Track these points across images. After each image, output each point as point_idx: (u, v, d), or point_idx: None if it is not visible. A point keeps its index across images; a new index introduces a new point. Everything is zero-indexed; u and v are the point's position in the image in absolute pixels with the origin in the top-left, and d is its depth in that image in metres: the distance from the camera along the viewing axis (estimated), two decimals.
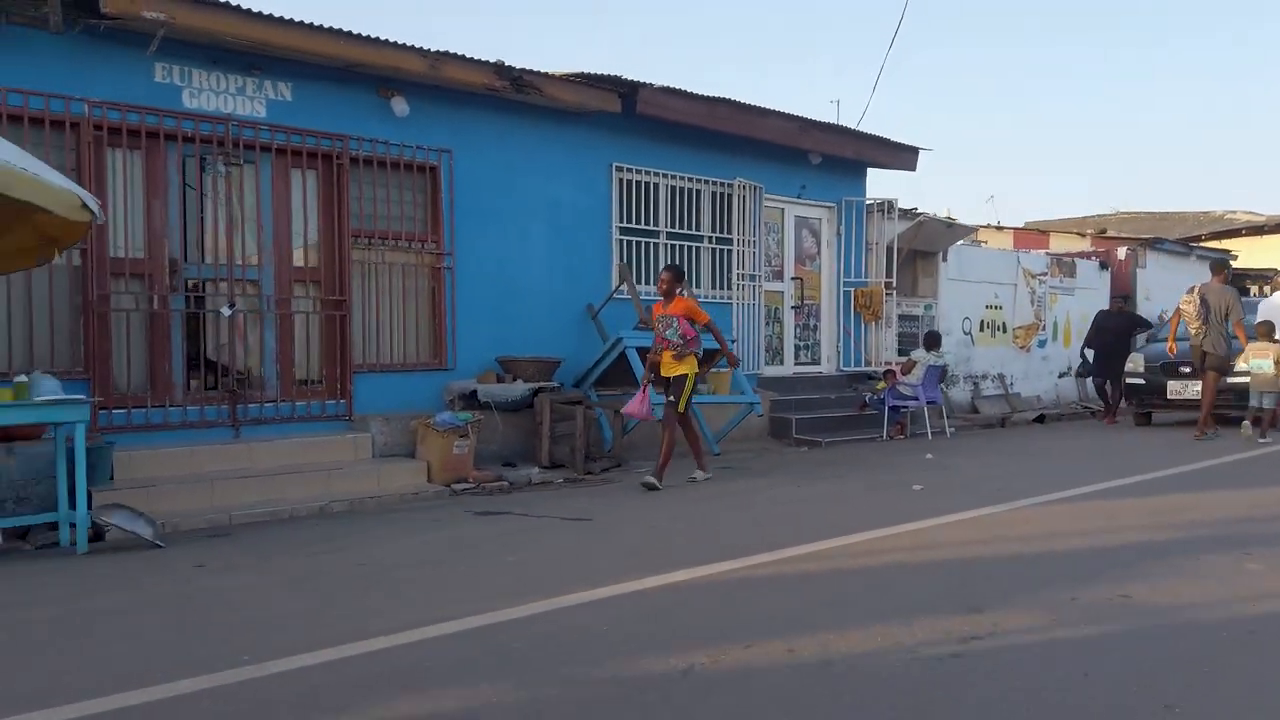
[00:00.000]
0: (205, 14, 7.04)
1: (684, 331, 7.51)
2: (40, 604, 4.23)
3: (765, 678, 2.85)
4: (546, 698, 2.76)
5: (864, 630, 3.29)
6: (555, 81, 9.11)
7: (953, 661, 2.92)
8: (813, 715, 2.57)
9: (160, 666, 3.08)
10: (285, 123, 7.89)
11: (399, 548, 5.29)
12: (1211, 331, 10.19)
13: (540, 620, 3.56)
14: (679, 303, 7.66)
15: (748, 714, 2.58)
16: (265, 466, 7.37)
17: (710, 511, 6.15)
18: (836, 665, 2.93)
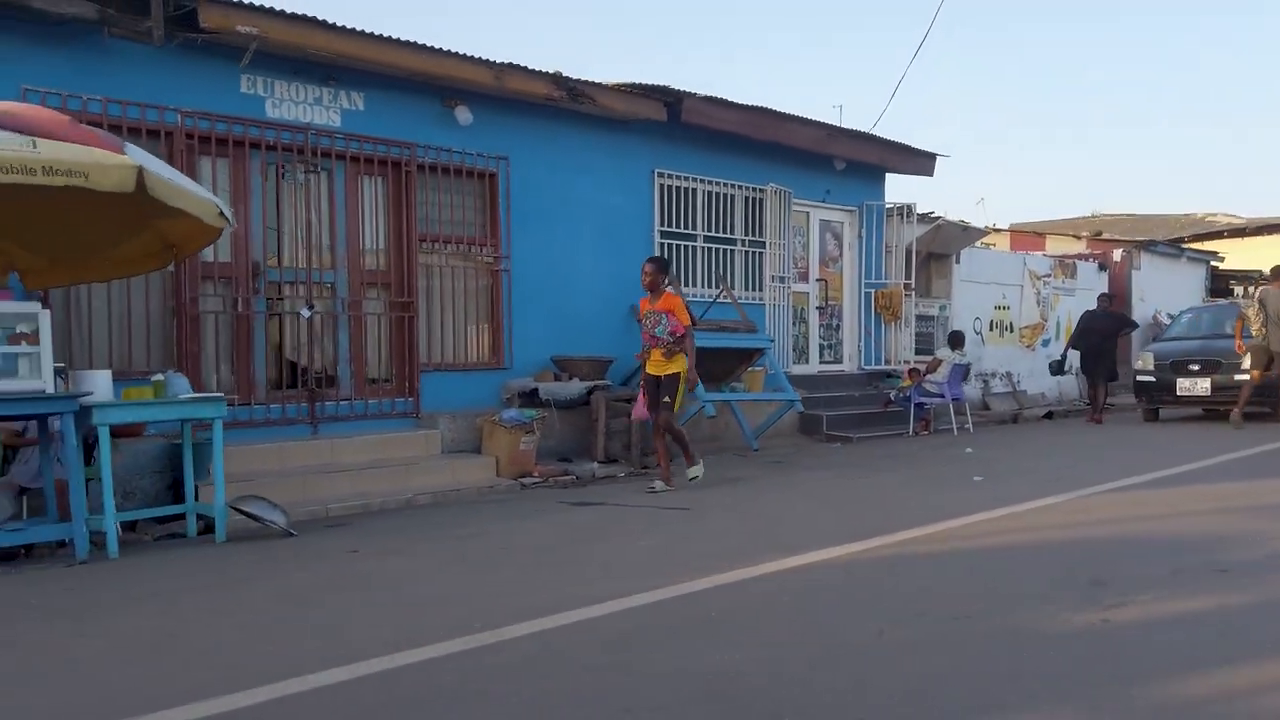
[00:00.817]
0: (294, 28, 7.34)
1: (673, 329, 7.25)
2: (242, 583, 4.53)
3: (956, 637, 3.21)
4: (774, 657, 3.10)
5: (1016, 599, 3.66)
6: (607, 91, 9.47)
7: (1105, 625, 3.31)
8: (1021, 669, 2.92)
9: (408, 634, 3.37)
10: (358, 131, 8.20)
11: (525, 533, 5.63)
12: (1274, 331, 10.77)
13: (715, 594, 3.89)
14: (667, 298, 7.35)
15: (952, 669, 2.94)
16: (346, 462, 7.68)
17: (794, 500, 6.53)
18: (1012, 630, 3.31)
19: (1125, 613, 3.43)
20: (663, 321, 7.27)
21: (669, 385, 7.21)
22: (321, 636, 3.53)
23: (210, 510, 5.64)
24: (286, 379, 7.93)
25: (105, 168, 4.53)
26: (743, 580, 4.10)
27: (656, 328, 7.28)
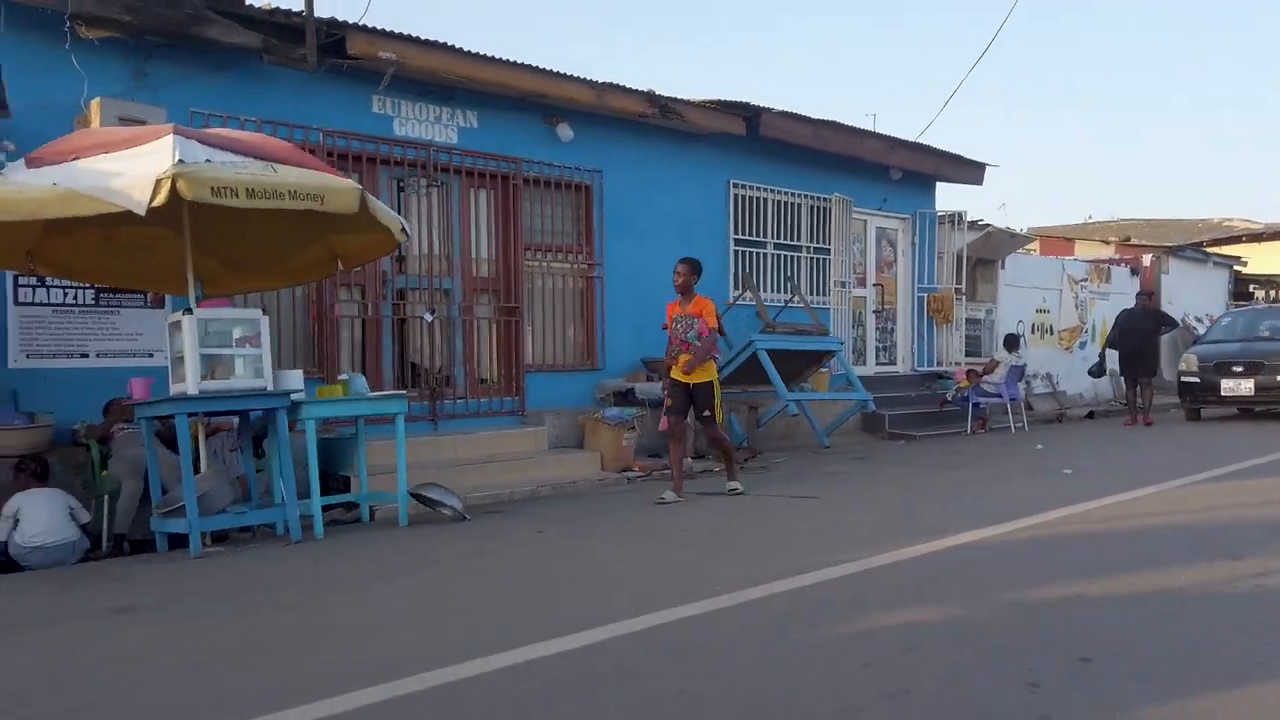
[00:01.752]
0: (426, 53, 7.91)
1: (700, 331, 6.91)
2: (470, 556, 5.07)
3: (1131, 602, 3.73)
4: (974, 616, 3.62)
5: (1167, 570, 4.17)
6: (693, 108, 10.04)
7: (1261, 590, 3.85)
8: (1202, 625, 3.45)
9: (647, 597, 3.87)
10: (471, 148, 8.77)
11: (684, 518, 6.14)
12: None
13: (905, 566, 4.40)
14: (698, 301, 7.02)
15: (1140, 627, 3.46)
16: (467, 456, 8.23)
17: (911, 490, 7.04)
18: (1173, 594, 3.82)
19: (1273, 579, 3.97)
20: (694, 325, 6.90)
21: (704, 395, 6.84)
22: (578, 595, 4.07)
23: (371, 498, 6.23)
24: (409, 379, 8.49)
25: (336, 191, 5.10)
26: (927, 553, 4.61)
27: (688, 332, 6.92)
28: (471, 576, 4.65)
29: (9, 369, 6.39)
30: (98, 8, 6.31)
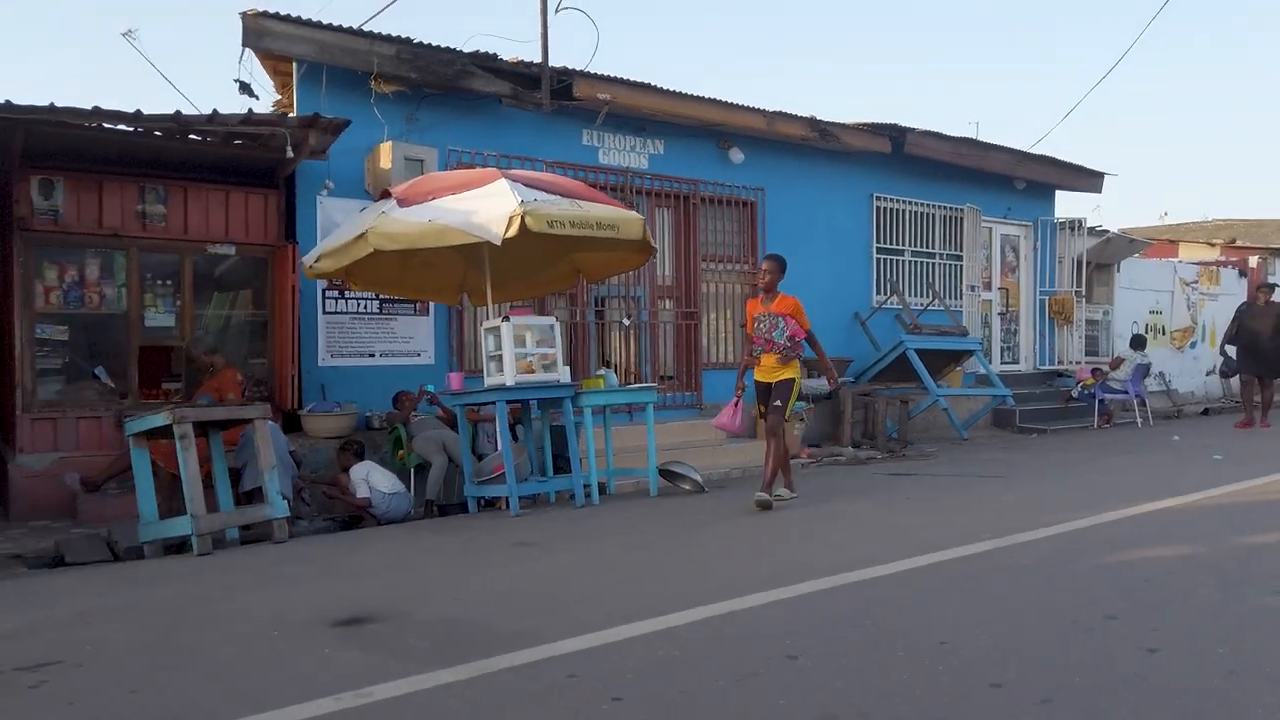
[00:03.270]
0: (633, 93, 9.12)
1: (793, 333, 6.57)
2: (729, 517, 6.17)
3: None
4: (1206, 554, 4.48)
5: None
6: (848, 130, 11.07)
7: None
8: None
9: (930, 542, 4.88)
10: (658, 172, 9.94)
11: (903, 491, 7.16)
12: None
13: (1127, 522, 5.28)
14: (784, 300, 6.63)
15: None
16: (663, 443, 9.37)
17: (1085, 471, 7.96)
18: None
19: None
20: (780, 325, 6.53)
21: (781, 391, 6.53)
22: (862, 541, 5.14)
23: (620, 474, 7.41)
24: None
25: (627, 221, 6.29)
26: (1139, 514, 5.51)
27: (774, 331, 6.55)
28: (752, 529, 5.73)
29: (319, 367, 7.76)
30: (394, 67, 7.64)
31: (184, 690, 2.95)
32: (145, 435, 5.71)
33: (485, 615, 3.75)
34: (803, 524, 5.85)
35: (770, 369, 6.61)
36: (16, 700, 2.92)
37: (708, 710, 2.62)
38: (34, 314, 6.87)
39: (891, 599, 3.81)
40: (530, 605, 3.93)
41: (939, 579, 4.15)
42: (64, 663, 3.24)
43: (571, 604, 3.91)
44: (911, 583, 4.07)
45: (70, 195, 6.92)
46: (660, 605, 3.68)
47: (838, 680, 2.80)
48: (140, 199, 7.17)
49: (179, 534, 5.47)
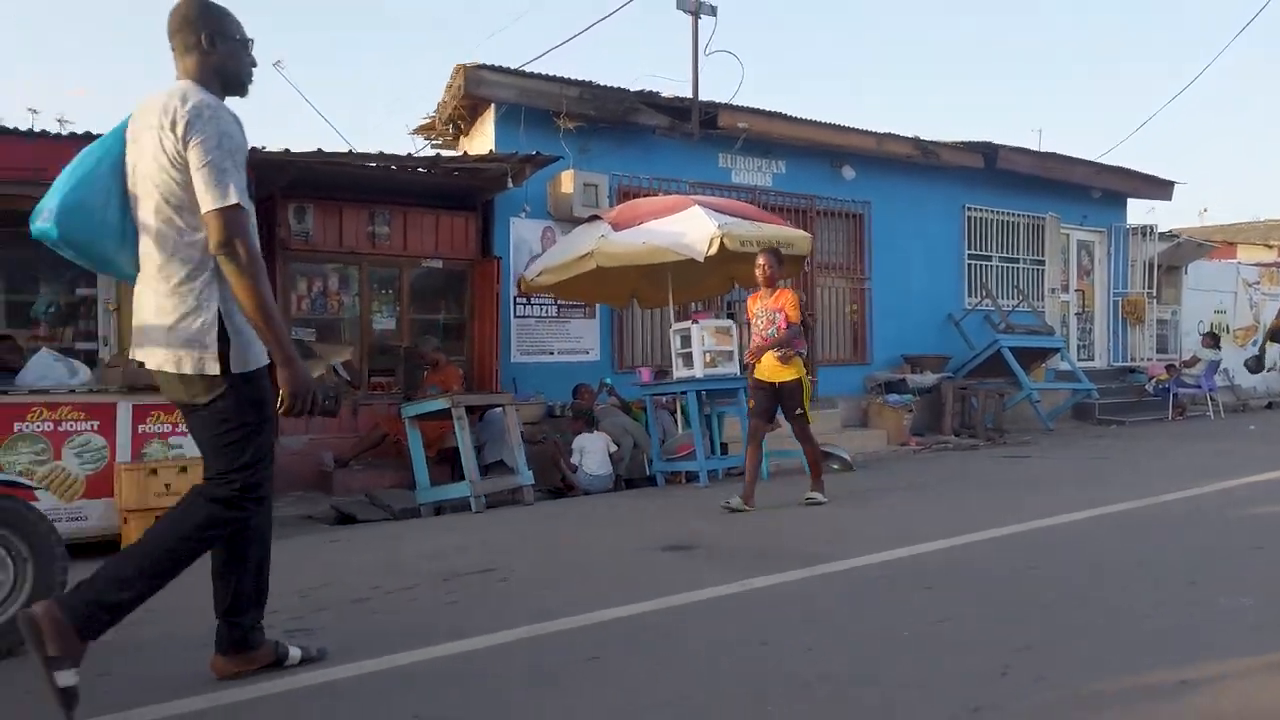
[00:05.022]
0: (765, 121, 10.32)
1: (781, 325, 6.35)
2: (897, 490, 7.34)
3: None
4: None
5: None
6: (946, 148, 12.19)
7: None
8: None
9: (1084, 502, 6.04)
10: (780, 189, 11.12)
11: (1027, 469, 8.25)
12: None
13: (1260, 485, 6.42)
14: (781, 295, 6.42)
15: None
16: (786, 432, 10.56)
17: (1187, 452, 9.01)
18: None
19: None
20: (777, 320, 6.36)
21: (792, 393, 6.34)
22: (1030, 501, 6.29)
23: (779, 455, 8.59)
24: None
25: (797, 238, 7.48)
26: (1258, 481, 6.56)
27: (770, 328, 6.37)
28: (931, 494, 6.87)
29: (511, 363, 9.04)
30: (577, 106, 8.89)
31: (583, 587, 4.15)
32: (416, 418, 7.00)
33: (772, 546, 4.94)
34: (963, 494, 6.99)
35: (773, 368, 6.34)
36: (500, 587, 4.15)
37: (1002, 591, 3.79)
38: (289, 318, 8.20)
39: (1091, 537, 4.96)
40: (802, 541, 5.09)
41: (1110, 525, 5.29)
42: (496, 570, 4.50)
43: (832, 540, 5.03)
44: (1090, 529, 5.22)
45: (318, 219, 8.25)
46: (895, 542, 4.85)
47: (1073, 579, 3.97)
48: (370, 222, 8.48)
49: (453, 497, 6.74)
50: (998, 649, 3.03)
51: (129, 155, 2.80)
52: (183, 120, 2.64)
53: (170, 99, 2.70)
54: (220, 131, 2.65)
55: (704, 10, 9.67)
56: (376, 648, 3.23)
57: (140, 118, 2.78)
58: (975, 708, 2.55)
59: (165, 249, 2.72)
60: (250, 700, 2.83)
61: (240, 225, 2.64)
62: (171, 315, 2.71)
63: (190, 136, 2.63)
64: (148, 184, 2.73)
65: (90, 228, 2.77)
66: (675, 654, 3.14)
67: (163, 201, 2.71)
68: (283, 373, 2.70)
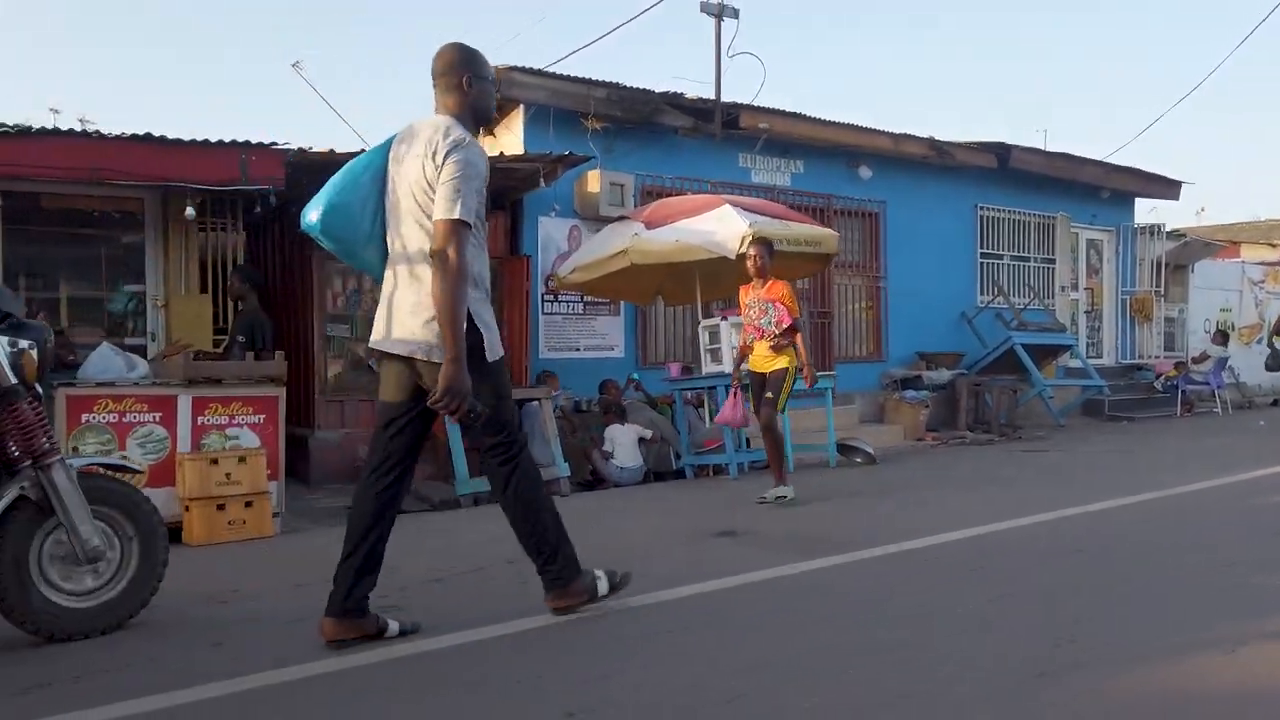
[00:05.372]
0: (786, 121, 10.51)
1: (779, 319, 6.29)
2: (925, 485, 7.54)
3: None
4: None
5: None
6: (960, 148, 12.38)
7: None
8: None
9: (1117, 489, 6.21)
10: (798, 188, 11.30)
11: (1049, 461, 8.50)
12: None
13: (1270, 478, 6.60)
14: (773, 286, 6.37)
15: None
16: (805, 426, 10.74)
17: (1206, 446, 9.21)
18: None
19: None
20: (769, 311, 6.32)
21: (774, 382, 6.30)
22: (1061, 492, 6.48)
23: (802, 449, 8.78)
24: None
25: (826, 237, 7.67)
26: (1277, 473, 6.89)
27: (763, 318, 6.34)
28: (955, 485, 7.06)
29: (540, 358, 9.22)
30: (604, 107, 9.08)
31: (646, 569, 4.32)
32: None
33: (815, 533, 5.12)
34: (991, 484, 7.17)
35: (763, 358, 6.37)
36: None
37: (1048, 572, 3.97)
38: (325, 315, 8.38)
39: (1126, 523, 5.15)
40: (845, 529, 5.26)
41: (1142, 513, 5.48)
42: None
43: (874, 527, 5.22)
44: (1123, 516, 5.41)
45: None
46: (935, 528, 5.03)
47: (1113, 561, 4.15)
48: None
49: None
50: (1051, 622, 3.21)
51: (390, 170, 3.24)
52: (442, 151, 3.09)
53: (435, 132, 3.16)
54: (468, 161, 3.10)
55: (727, 13, 9.86)
56: (466, 621, 3.41)
57: (406, 141, 3.24)
58: (1040, 673, 2.73)
59: (419, 257, 3.15)
60: (363, 667, 3.00)
61: (459, 238, 3.04)
62: (427, 312, 3.11)
63: (444, 163, 3.08)
64: (408, 200, 3.17)
65: (348, 227, 3.24)
66: (751, 626, 3.33)
67: (419, 216, 3.15)
68: (447, 369, 3.03)
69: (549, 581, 3.37)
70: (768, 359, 6.36)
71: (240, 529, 5.46)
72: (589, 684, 2.74)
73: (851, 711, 2.50)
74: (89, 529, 3.20)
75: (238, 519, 5.46)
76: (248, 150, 6.17)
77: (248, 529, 5.50)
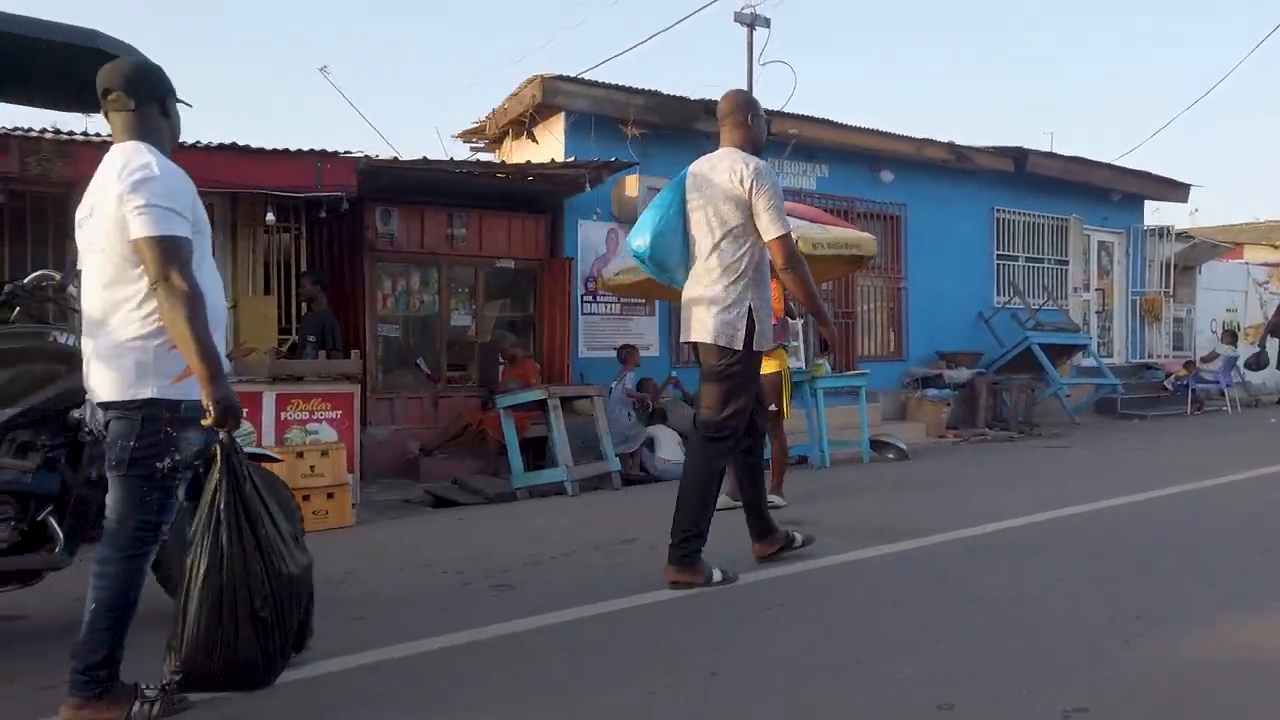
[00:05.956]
0: (814, 127, 10.81)
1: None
2: (965, 477, 7.85)
3: None
4: None
5: None
6: (979, 153, 12.69)
7: None
8: None
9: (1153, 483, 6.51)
10: (823, 191, 11.61)
11: (1072, 455, 8.82)
12: None
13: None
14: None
15: None
16: (832, 423, 11.05)
17: (1214, 443, 9.55)
18: None
19: None
20: None
21: (769, 386, 6.01)
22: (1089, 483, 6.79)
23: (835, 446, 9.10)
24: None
25: (864, 241, 7.96)
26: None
27: None
28: (989, 483, 7.37)
29: (580, 357, 9.51)
30: (643, 114, 9.37)
31: (728, 553, 4.62)
32: (510, 409, 7.47)
33: (877, 523, 5.41)
34: (1025, 479, 7.48)
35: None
36: (649, 554, 4.62)
37: (1101, 556, 4.28)
38: (375, 316, 8.66)
39: (1161, 515, 5.46)
40: (907, 518, 5.52)
41: (1174, 505, 5.79)
42: (637, 540, 4.97)
43: (933, 517, 5.47)
44: (1157, 507, 5.72)
45: (402, 222, 8.70)
46: (989, 518, 5.33)
47: (1156, 549, 4.46)
48: (449, 224, 8.94)
49: (548, 481, 7.21)
50: (1118, 598, 3.52)
51: (690, 199, 4.04)
52: (749, 178, 3.87)
53: (734, 163, 3.95)
54: (775, 186, 3.92)
55: (759, 22, 10.15)
56: (583, 598, 3.70)
57: (702, 174, 4.05)
58: (1123, 640, 3.04)
59: (721, 263, 3.90)
60: (518, 634, 3.29)
61: (788, 247, 3.90)
62: (719, 306, 3.88)
63: (756, 189, 3.86)
64: (715, 220, 3.92)
65: (666, 251, 4.07)
66: (844, 603, 3.63)
67: (725, 231, 3.90)
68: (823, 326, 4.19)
69: (677, 555, 3.86)
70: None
71: (323, 519, 5.74)
72: (721, 649, 3.04)
73: (953, 675, 2.79)
74: None
75: (321, 509, 5.74)
76: (323, 158, 6.47)
77: (330, 519, 5.78)
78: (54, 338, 3.16)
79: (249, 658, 2.52)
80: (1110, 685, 2.64)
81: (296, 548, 2.71)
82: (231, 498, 2.56)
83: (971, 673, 2.79)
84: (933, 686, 2.67)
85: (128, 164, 2.60)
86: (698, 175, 4.07)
